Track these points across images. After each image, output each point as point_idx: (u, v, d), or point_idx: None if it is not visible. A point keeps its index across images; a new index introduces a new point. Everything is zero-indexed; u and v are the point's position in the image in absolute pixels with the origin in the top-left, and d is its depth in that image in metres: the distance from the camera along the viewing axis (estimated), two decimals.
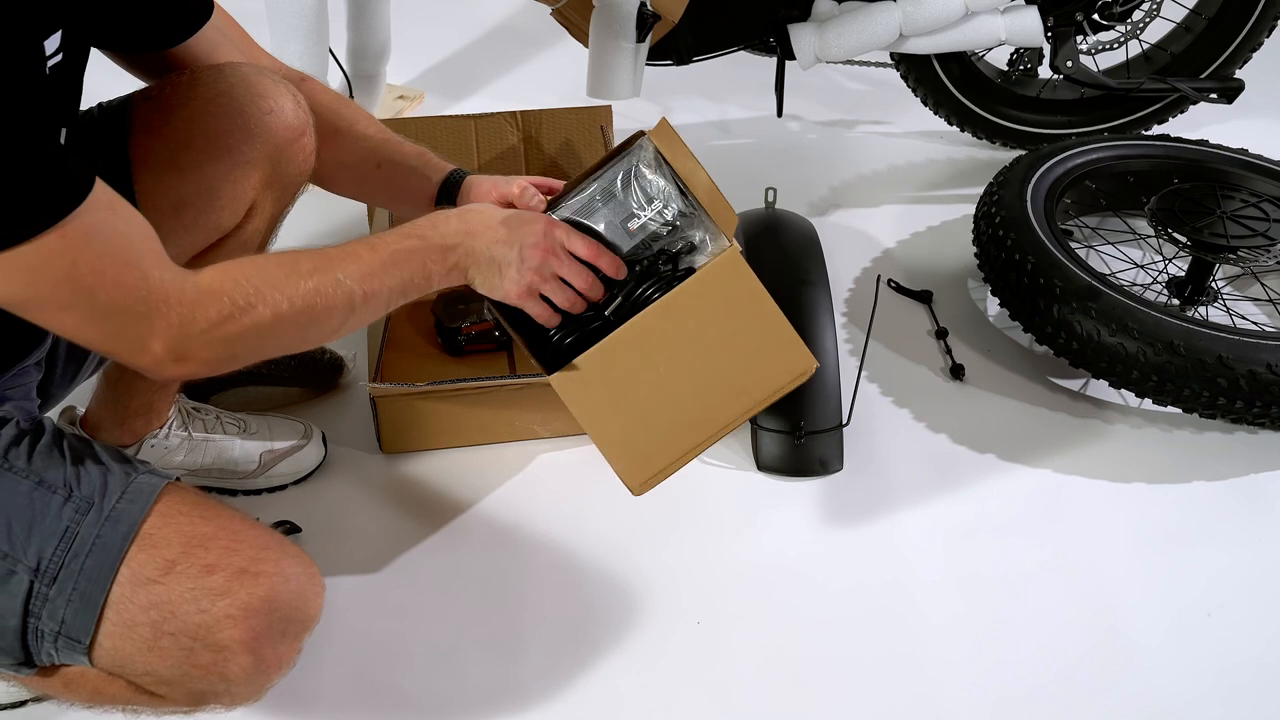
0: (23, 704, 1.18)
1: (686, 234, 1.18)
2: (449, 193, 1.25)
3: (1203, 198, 1.70)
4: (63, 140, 1.00)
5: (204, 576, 0.94)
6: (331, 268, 1.00)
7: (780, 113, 1.95)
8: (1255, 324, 1.65)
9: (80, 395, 1.35)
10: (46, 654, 0.95)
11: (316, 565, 1.03)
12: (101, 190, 0.88)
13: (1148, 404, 1.60)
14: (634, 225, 1.17)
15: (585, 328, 1.18)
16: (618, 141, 1.70)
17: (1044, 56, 2.05)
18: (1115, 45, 2.07)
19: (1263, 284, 1.81)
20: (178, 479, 1.01)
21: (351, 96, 2.08)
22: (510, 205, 1.19)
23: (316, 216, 1.44)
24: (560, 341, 1.18)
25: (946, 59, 2.02)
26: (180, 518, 0.96)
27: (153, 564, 0.94)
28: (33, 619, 0.94)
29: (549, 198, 1.20)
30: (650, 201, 1.17)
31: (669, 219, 1.17)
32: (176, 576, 0.93)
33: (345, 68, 2.08)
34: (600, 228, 1.15)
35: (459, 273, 1.08)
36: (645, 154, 1.17)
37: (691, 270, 1.20)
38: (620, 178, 1.17)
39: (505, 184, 1.21)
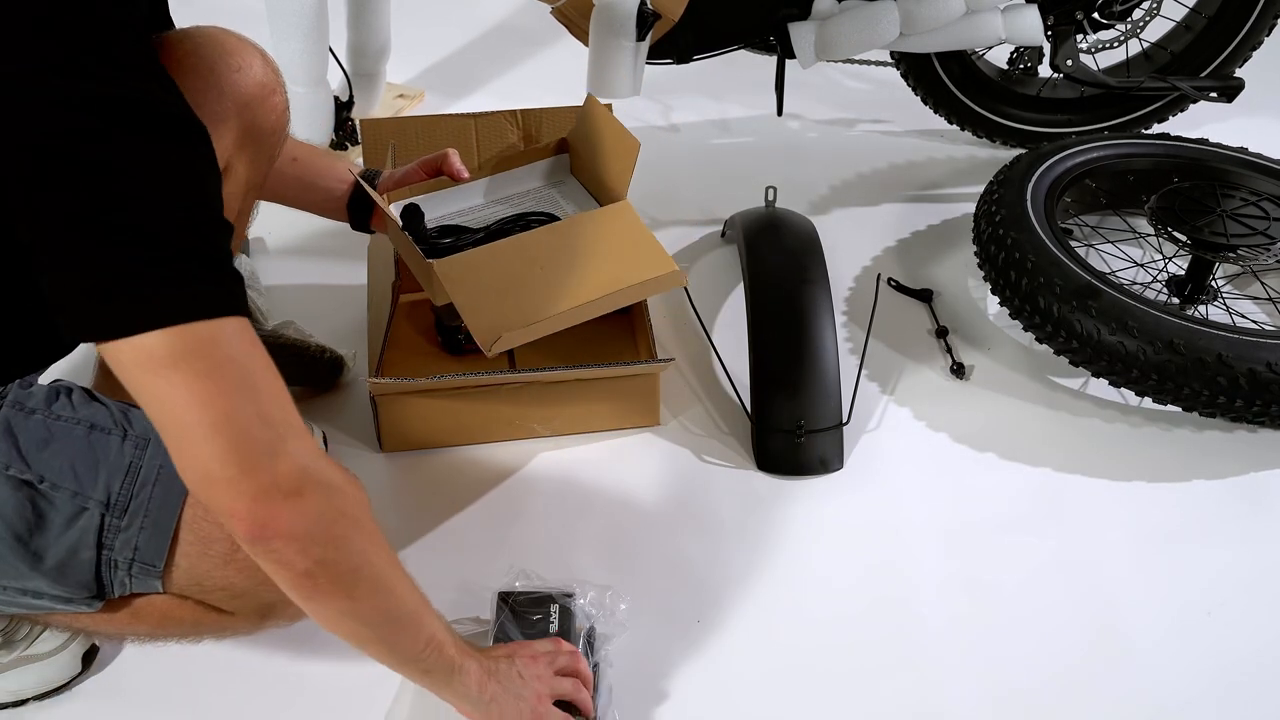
0: (23, 703, 1.18)
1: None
2: (369, 181, 1.34)
3: (1203, 196, 1.70)
4: None
5: None
6: (426, 607, 1.00)
7: (780, 111, 1.95)
8: (1255, 322, 1.65)
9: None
10: (120, 583, 0.99)
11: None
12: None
13: (1147, 403, 1.60)
14: None
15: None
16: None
17: (1044, 55, 2.05)
18: (1115, 44, 2.07)
19: (1262, 283, 1.81)
20: None
21: (351, 95, 2.08)
22: (436, 171, 1.40)
23: (315, 219, 1.44)
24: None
25: (946, 58, 2.02)
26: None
27: None
28: (106, 550, 0.97)
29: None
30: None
31: None
32: None
33: (345, 66, 2.08)
34: None
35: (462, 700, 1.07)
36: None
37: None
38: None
39: (423, 161, 1.38)
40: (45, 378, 1.07)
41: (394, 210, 1.44)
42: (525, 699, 1.08)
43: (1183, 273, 1.72)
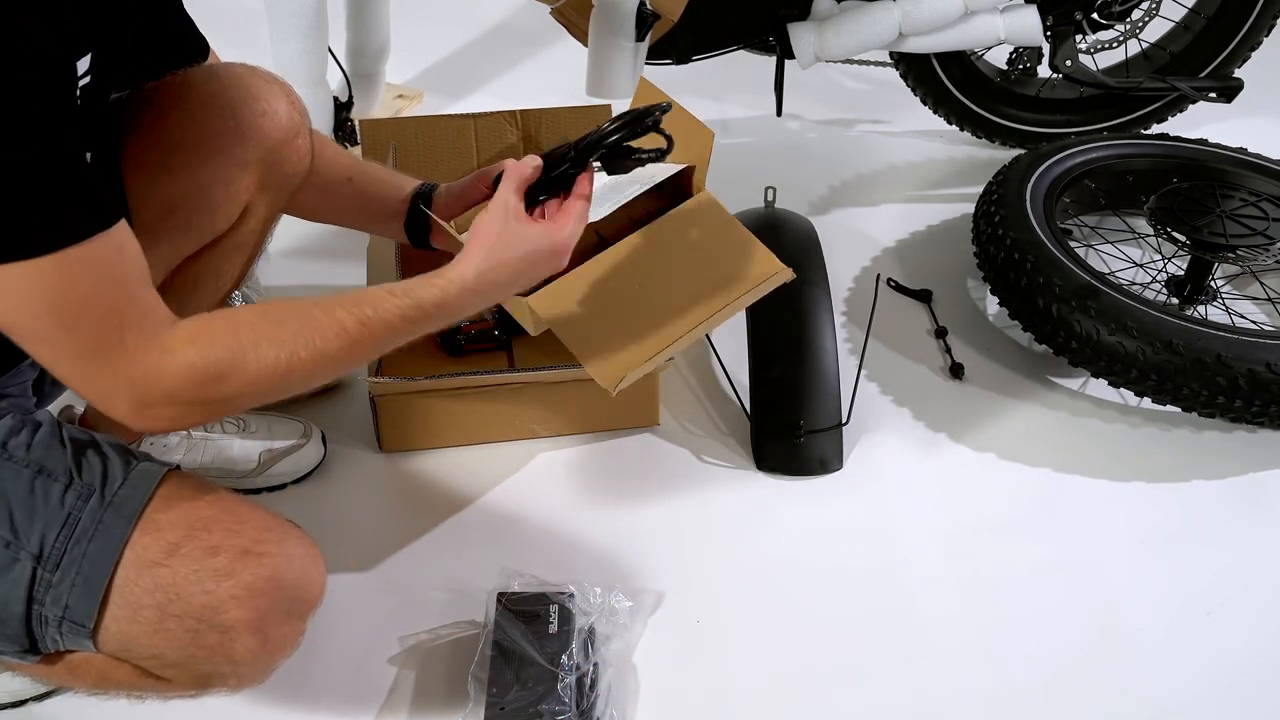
0: (22, 703, 1.18)
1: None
2: (424, 203, 1.27)
3: (1202, 197, 1.70)
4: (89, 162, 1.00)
5: (208, 558, 0.94)
6: (311, 333, 0.96)
7: (780, 112, 1.95)
8: (1254, 323, 1.65)
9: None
10: (51, 640, 0.96)
11: (318, 546, 1.03)
12: (120, 230, 0.88)
13: (1147, 403, 1.60)
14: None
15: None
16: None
17: (1043, 55, 2.05)
18: (1114, 44, 2.07)
19: (1262, 283, 1.81)
20: (177, 467, 1.02)
21: (351, 96, 2.08)
22: (494, 184, 1.24)
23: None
24: None
25: (946, 58, 2.02)
26: (183, 502, 0.97)
27: (157, 547, 0.94)
28: (36, 605, 0.94)
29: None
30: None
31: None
32: (181, 559, 0.94)
33: (344, 67, 2.08)
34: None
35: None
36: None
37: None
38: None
39: (481, 173, 1.26)
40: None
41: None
42: (541, 257, 1.06)
43: (1182, 273, 1.72)
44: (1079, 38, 1.99)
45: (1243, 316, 1.67)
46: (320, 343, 0.95)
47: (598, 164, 1.13)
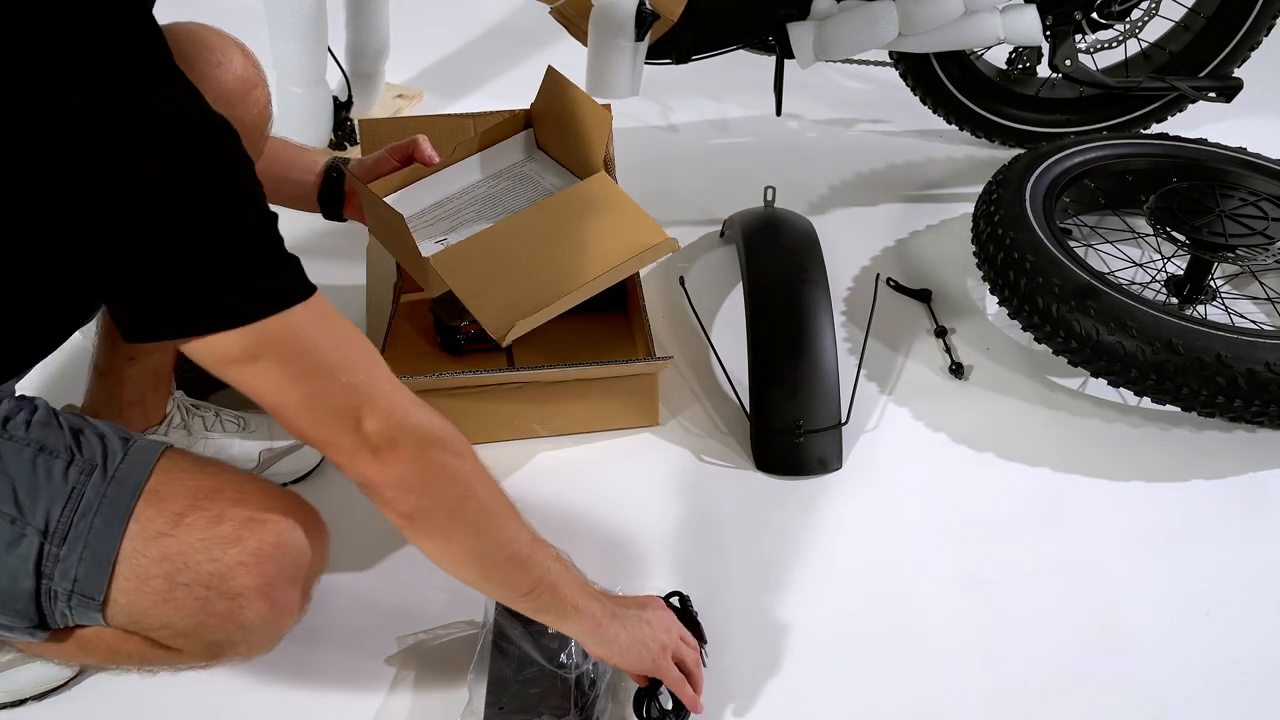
0: (22, 703, 1.18)
1: None
2: (337, 175, 1.37)
3: (1201, 196, 1.70)
4: None
5: (213, 526, 0.95)
6: (543, 549, 1.03)
7: (779, 112, 1.95)
8: (1254, 322, 1.65)
9: (74, 392, 1.35)
10: (61, 614, 0.97)
11: (320, 513, 1.05)
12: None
13: (1146, 402, 1.60)
14: None
15: None
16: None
17: (1043, 55, 2.05)
18: (1114, 44, 2.07)
19: (1261, 283, 1.81)
20: (172, 445, 1.03)
21: (350, 95, 2.08)
22: (406, 159, 1.42)
23: (313, 220, 1.44)
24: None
25: (945, 58, 2.02)
26: (184, 473, 0.98)
27: (161, 517, 0.95)
28: (45, 580, 0.95)
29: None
30: None
31: None
32: (186, 528, 0.95)
33: (344, 66, 2.08)
34: None
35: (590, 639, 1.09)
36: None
37: None
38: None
39: (393, 147, 1.40)
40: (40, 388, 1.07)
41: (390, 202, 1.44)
42: (649, 646, 1.09)
43: (1181, 273, 1.72)
44: (1078, 37, 1.98)
45: (1242, 316, 1.67)
46: (516, 543, 1.01)
47: None
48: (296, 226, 1.69)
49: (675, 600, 1.24)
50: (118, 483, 0.96)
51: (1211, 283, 1.71)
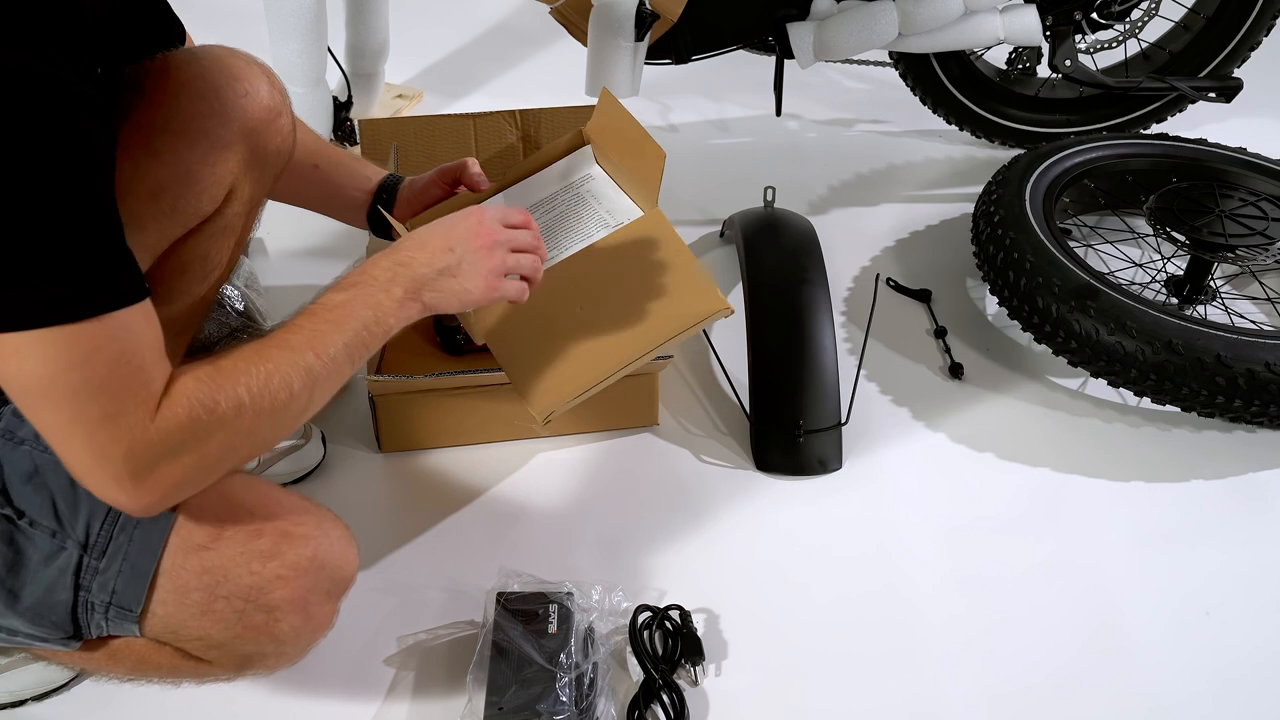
0: (22, 703, 1.18)
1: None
2: (387, 195, 1.29)
3: (1201, 196, 1.70)
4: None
5: (252, 540, 0.97)
6: (278, 346, 0.96)
7: (779, 112, 1.95)
8: (1254, 323, 1.65)
9: None
10: (97, 626, 0.98)
11: (349, 528, 1.06)
12: (147, 304, 0.88)
13: (1146, 403, 1.60)
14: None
15: None
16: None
17: (1042, 55, 2.05)
18: (1114, 44, 2.07)
19: (1261, 283, 1.81)
20: None
21: (350, 96, 2.08)
22: (455, 182, 1.32)
23: (314, 219, 1.44)
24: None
25: (945, 58, 2.02)
26: (220, 489, 0.99)
27: (201, 531, 0.96)
28: (83, 592, 0.96)
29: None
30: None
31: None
32: (225, 542, 0.96)
33: (344, 66, 2.08)
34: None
35: (414, 303, 1.05)
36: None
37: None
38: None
39: (442, 170, 1.31)
40: None
41: None
42: (471, 293, 1.07)
43: (1181, 273, 1.72)
44: (1078, 37, 1.99)
45: (1242, 316, 1.67)
46: (303, 360, 0.95)
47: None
48: (297, 226, 1.70)
49: (675, 614, 1.24)
50: None
51: (1211, 283, 1.71)
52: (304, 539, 0.99)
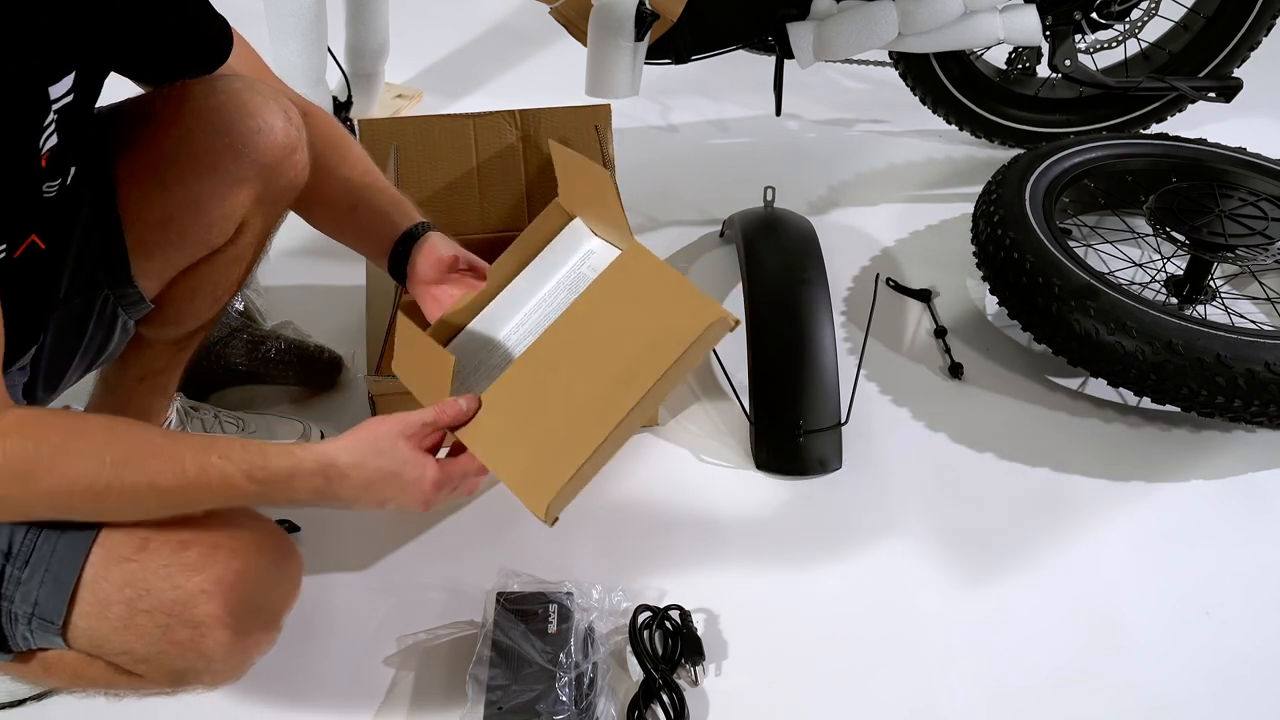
0: (21, 703, 1.18)
1: None
2: (406, 244, 1.22)
3: (1201, 196, 1.70)
4: (70, 178, 0.99)
5: (178, 552, 0.93)
6: (139, 472, 0.90)
7: (779, 111, 1.95)
8: (1254, 323, 1.65)
9: (78, 397, 1.35)
10: (22, 637, 0.96)
11: (293, 541, 1.03)
12: None
13: (1146, 402, 1.60)
14: None
15: None
16: (613, 140, 1.70)
17: (1042, 55, 2.05)
18: (1114, 44, 2.07)
19: (1261, 283, 1.81)
20: None
21: (350, 95, 2.08)
22: (451, 267, 1.20)
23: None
24: None
25: (945, 58, 2.02)
26: None
27: (127, 542, 0.93)
28: (6, 602, 0.94)
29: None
30: None
31: None
32: (150, 553, 0.93)
33: (344, 66, 2.08)
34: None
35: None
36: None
37: None
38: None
39: (449, 252, 1.20)
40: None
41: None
42: (403, 475, 1.00)
43: (1181, 273, 1.72)
44: (1078, 37, 1.98)
45: (1242, 316, 1.67)
46: (151, 472, 0.90)
47: None
48: (297, 229, 1.69)
49: (675, 614, 1.24)
50: None
51: (1211, 283, 1.71)
52: (234, 552, 0.95)
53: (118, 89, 1.15)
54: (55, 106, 0.92)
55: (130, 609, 0.93)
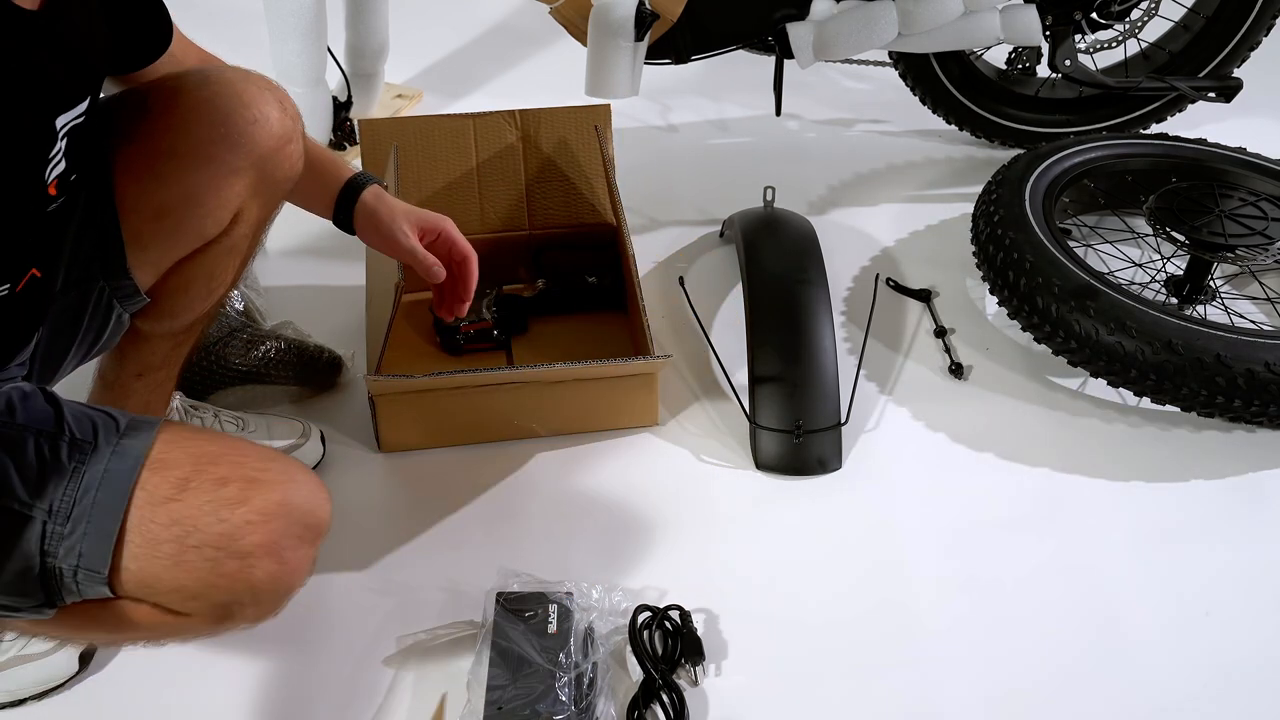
0: (22, 703, 1.18)
1: None
2: (348, 200, 1.25)
3: (1201, 196, 1.70)
4: (71, 190, 1.00)
5: (218, 488, 0.96)
6: None
7: (779, 112, 1.95)
8: (1253, 323, 1.65)
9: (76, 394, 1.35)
10: (68, 590, 0.97)
11: (318, 475, 1.06)
12: None
13: (1146, 403, 1.60)
14: None
15: None
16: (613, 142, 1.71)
17: (1042, 55, 2.05)
18: (1113, 44, 2.07)
19: (1261, 283, 1.81)
20: (169, 418, 1.03)
21: (350, 95, 2.08)
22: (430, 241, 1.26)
23: (315, 220, 1.44)
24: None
25: (945, 58, 2.02)
26: (185, 441, 1.00)
27: (167, 484, 0.96)
28: (50, 559, 0.96)
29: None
30: None
31: None
32: (192, 492, 0.96)
33: (344, 66, 2.08)
34: None
35: None
36: None
37: None
38: None
39: (426, 222, 1.25)
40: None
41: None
42: None
43: (1181, 273, 1.72)
44: (1078, 37, 1.98)
45: (1242, 316, 1.67)
46: None
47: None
48: (297, 226, 1.70)
49: (675, 614, 1.24)
50: (119, 456, 0.97)
51: (1211, 283, 1.71)
52: (270, 484, 0.98)
53: None
54: (63, 131, 0.94)
55: (180, 546, 0.95)
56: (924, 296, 1.81)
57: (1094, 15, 1.96)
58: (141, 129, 1.12)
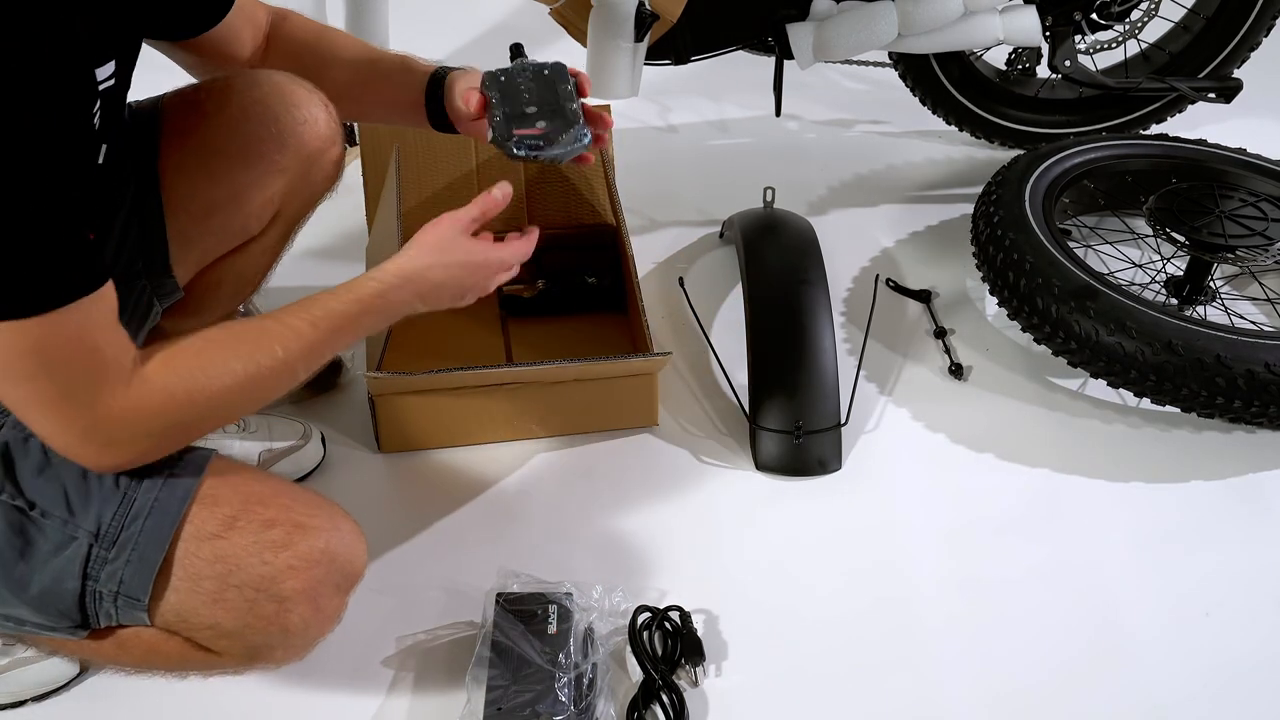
0: (22, 703, 1.18)
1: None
2: (435, 92, 1.23)
3: (1201, 197, 1.70)
4: (102, 158, 1.00)
5: (265, 530, 0.97)
6: (268, 352, 0.98)
7: (779, 112, 1.95)
8: (1253, 323, 1.65)
9: None
10: (105, 614, 0.99)
11: (359, 524, 1.06)
12: (107, 289, 0.89)
13: (1146, 403, 1.60)
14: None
15: None
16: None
17: (1042, 56, 2.05)
18: (1113, 45, 2.07)
19: (1261, 283, 1.81)
20: (218, 452, 1.04)
21: None
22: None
23: (314, 220, 1.44)
24: None
25: (945, 58, 2.02)
26: (235, 478, 1.01)
27: (214, 520, 0.97)
28: (91, 581, 0.97)
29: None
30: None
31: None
32: (239, 531, 0.97)
33: None
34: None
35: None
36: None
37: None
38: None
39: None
40: None
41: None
42: (466, 295, 1.10)
43: (1181, 273, 1.72)
44: (1078, 38, 1.98)
45: (1242, 317, 1.67)
46: (281, 350, 0.98)
47: None
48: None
49: (675, 615, 1.24)
50: (170, 488, 0.97)
51: (1211, 283, 1.71)
52: (316, 531, 1.00)
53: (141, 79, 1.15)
54: (100, 89, 0.94)
55: (221, 583, 0.96)
56: (924, 297, 1.81)
57: (1094, 16, 1.96)
58: (191, 127, 1.14)
